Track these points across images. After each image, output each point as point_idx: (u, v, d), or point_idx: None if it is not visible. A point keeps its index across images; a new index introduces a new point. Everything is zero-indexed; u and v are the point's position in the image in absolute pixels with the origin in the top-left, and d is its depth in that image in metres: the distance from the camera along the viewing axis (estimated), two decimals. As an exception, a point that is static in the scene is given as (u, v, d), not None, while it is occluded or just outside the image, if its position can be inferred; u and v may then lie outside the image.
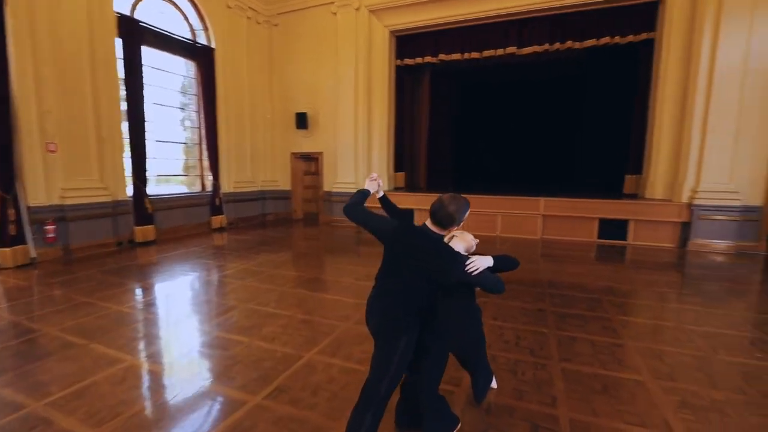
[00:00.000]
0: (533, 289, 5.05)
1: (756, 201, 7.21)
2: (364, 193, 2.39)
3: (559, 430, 2.34)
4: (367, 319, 2.16)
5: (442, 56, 9.95)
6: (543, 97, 13.75)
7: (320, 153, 10.76)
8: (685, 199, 7.56)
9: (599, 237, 8.21)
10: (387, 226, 2.17)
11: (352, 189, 10.01)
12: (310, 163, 11.25)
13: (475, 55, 9.62)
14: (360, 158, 10.16)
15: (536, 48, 9.05)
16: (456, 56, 9.80)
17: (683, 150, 7.63)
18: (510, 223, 8.75)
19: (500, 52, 9.38)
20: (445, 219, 2.00)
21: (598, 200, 8.19)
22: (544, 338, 3.57)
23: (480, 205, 8.84)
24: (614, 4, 8.17)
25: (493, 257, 2.04)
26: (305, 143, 10.88)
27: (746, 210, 7.22)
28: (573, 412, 2.52)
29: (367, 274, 5.63)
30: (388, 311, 2.06)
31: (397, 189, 10.76)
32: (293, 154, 11.13)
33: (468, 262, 1.93)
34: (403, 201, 9.59)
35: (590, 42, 8.62)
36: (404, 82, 10.96)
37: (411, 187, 11.46)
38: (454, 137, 13.82)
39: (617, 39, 8.41)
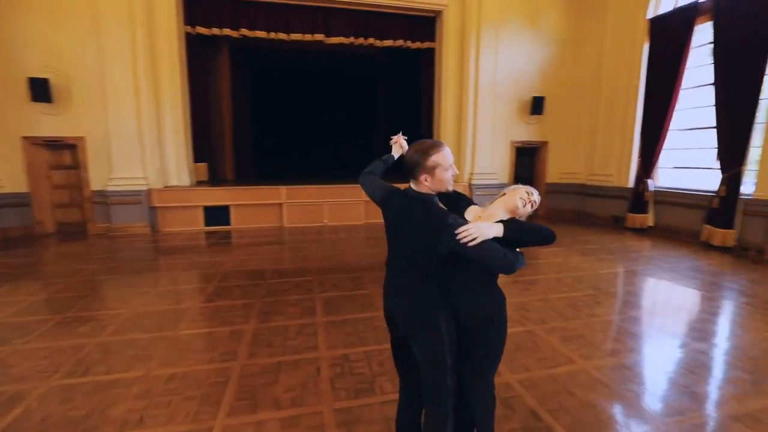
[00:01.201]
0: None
1: (505, 179, 9.91)
2: (383, 160, 2.07)
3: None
4: (384, 308, 1.82)
5: (244, 31, 8.83)
6: (349, 89, 14.57)
7: (81, 138, 7.76)
8: (466, 180, 9.61)
9: (411, 217, 9.42)
10: (380, 195, 1.86)
11: (141, 186, 7.79)
12: (61, 152, 7.97)
13: (282, 35, 9.01)
14: (149, 146, 7.93)
15: (343, 39, 9.29)
16: (261, 33, 8.90)
17: (462, 141, 9.61)
18: (336, 211, 8.87)
19: (308, 37, 9.13)
20: (408, 166, 1.65)
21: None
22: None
23: (307, 195, 8.62)
24: (404, 12, 9.28)
25: (511, 226, 1.55)
26: (49, 124, 7.58)
27: (501, 186, 9.82)
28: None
29: (164, 293, 4.51)
30: (407, 305, 1.71)
31: (200, 183, 9.07)
32: (27, 139, 7.59)
33: (461, 229, 1.49)
34: (212, 197, 8.20)
35: (389, 42, 9.52)
36: (201, 56, 9.19)
37: (215, 180, 9.92)
38: (265, 123, 12.83)
39: (409, 43, 9.64)
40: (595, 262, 5.84)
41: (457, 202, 1.85)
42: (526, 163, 10.70)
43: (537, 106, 9.50)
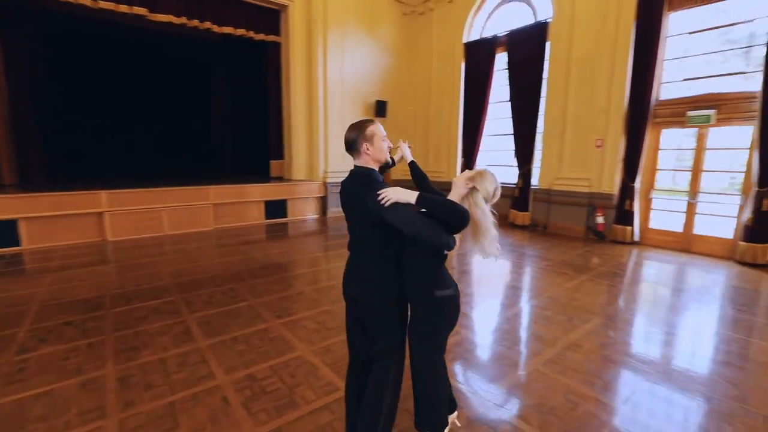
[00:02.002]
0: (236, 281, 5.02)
1: (356, 177, 10.45)
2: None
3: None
4: (344, 287, 2.00)
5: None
6: (181, 79, 12.60)
7: None
8: (321, 178, 9.73)
9: (267, 218, 8.96)
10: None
11: None
12: None
13: (86, 0, 7.18)
14: None
15: (172, 18, 8.03)
16: (50, -6, 6.89)
17: (314, 140, 9.66)
18: (180, 218, 7.69)
19: (124, 8, 7.53)
20: (349, 141, 1.87)
21: (262, 184, 8.87)
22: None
23: (138, 201, 7.17)
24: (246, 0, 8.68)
25: (424, 196, 1.66)
26: None
27: (353, 184, 10.34)
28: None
29: None
30: (362, 283, 1.89)
31: (-44, 190, 6.46)
32: None
33: (381, 191, 1.67)
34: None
35: (228, 29, 8.72)
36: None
37: (-16, 185, 7.23)
38: (67, 113, 9.90)
39: (252, 34, 9.06)
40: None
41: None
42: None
43: (381, 109, 10.34)
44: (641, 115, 6.71)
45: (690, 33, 6.44)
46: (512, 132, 8.71)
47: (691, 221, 6.51)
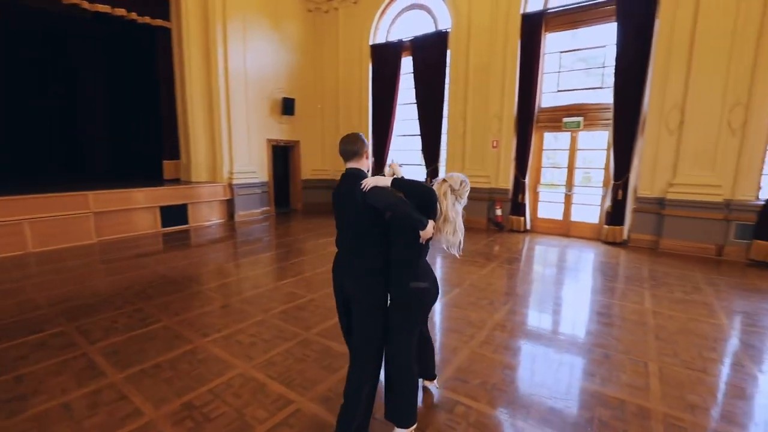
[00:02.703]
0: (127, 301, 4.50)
1: (265, 177, 9.94)
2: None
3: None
4: (335, 282, 2.17)
5: None
6: (39, 63, 10.22)
7: None
8: (226, 180, 9.00)
9: (164, 225, 7.96)
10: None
11: None
12: None
13: None
14: None
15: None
16: None
17: (216, 138, 8.88)
18: (48, 231, 6.36)
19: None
20: (353, 149, 2.12)
21: (157, 188, 7.84)
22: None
23: (-13, 212, 5.73)
24: (125, -25, 7.56)
25: (397, 178, 1.95)
26: None
27: (263, 185, 9.81)
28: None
29: None
30: (354, 275, 2.06)
31: None
32: None
33: (363, 181, 1.97)
34: None
35: (102, 6, 7.48)
36: None
37: None
38: None
39: (134, 15, 7.92)
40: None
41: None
42: (283, 161, 11.10)
43: (288, 106, 9.98)
44: (528, 120, 7.74)
45: (561, 52, 7.63)
46: (419, 132, 9.23)
47: (569, 210, 7.76)
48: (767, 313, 4.05)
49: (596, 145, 7.46)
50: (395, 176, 1.98)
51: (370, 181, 1.95)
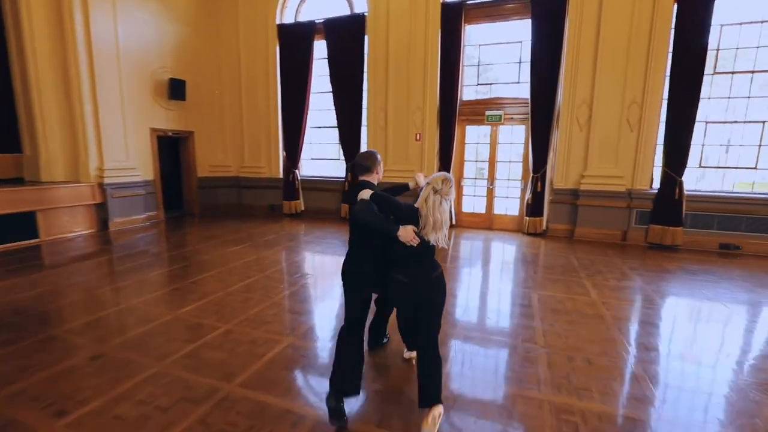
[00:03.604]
0: None
1: (149, 176, 8.13)
2: (396, 188, 2.70)
3: None
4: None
5: None
6: None
7: None
8: (94, 179, 7.07)
9: (-2, 242, 5.86)
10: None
11: None
12: None
13: None
14: None
15: None
16: None
17: (78, 126, 6.90)
18: None
19: None
20: (366, 165, 2.38)
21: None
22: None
23: None
24: None
25: (377, 193, 2.16)
26: None
27: (146, 184, 7.99)
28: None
29: None
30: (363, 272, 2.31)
31: None
32: None
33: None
34: None
35: None
36: None
37: None
38: None
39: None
40: (274, 252, 5.97)
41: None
42: (173, 155, 9.29)
43: (177, 90, 8.30)
44: (451, 112, 7.55)
45: (480, 45, 7.60)
46: (337, 124, 8.47)
47: (491, 203, 7.81)
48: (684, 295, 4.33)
49: (515, 139, 7.61)
50: (373, 192, 2.15)
51: (362, 194, 2.16)
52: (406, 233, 2.04)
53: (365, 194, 2.13)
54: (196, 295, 4.02)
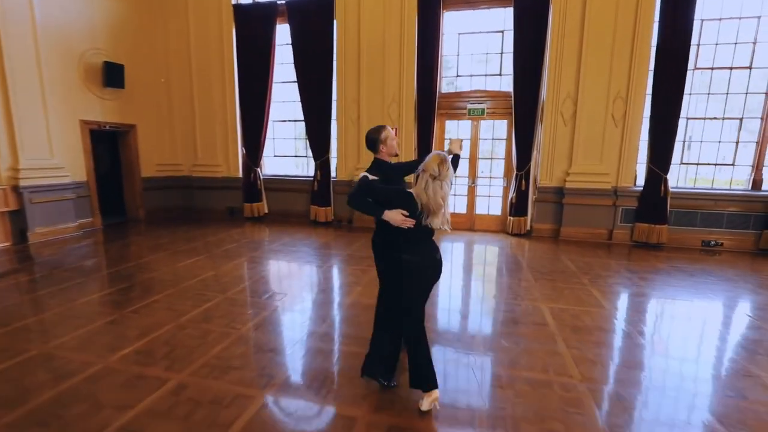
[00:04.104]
0: None
1: (81, 176, 6.90)
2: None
3: None
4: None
5: None
6: None
7: None
8: (6, 181, 5.81)
9: None
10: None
11: None
12: None
13: None
14: None
15: None
16: None
17: (-18, 115, 5.62)
18: None
19: None
20: (369, 144, 2.49)
21: None
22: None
23: None
24: None
25: (363, 181, 2.22)
26: None
27: (77, 186, 6.77)
28: None
29: None
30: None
31: None
32: None
33: None
34: None
35: None
36: None
37: None
38: None
39: None
40: (231, 261, 5.14)
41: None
42: (111, 152, 8.05)
43: (113, 75, 7.11)
44: (429, 106, 7.00)
45: (460, 33, 7.10)
46: (303, 118, 7.66)
47: (473, 202, 7.36)
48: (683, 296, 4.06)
49: (497, 134, 7.20)
50: (360, 178, 2.23)
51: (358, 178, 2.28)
52: (394, 217, 2.03)
53: (358, 178, 2.23)
54: (138, 330, 3.15)
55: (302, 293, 4.06)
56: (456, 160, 2.54)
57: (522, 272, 4.82)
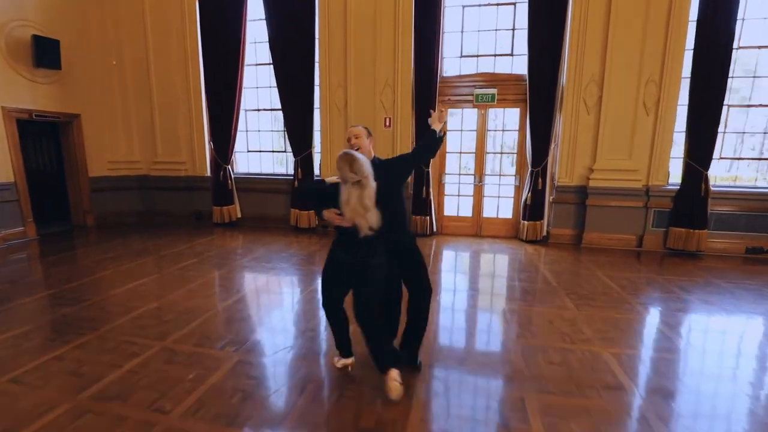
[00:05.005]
0: None
1: (5, 176, 5.65)
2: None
3: None
4: None
5: None
6: None
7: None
8: None
9: None
10: None
11: None
12: None
13: None
14: None
15: None
16: None
17: None
18: None
19: None
20: None
21: None
22: None
23: None
24: None
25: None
26: None
27: (3, 188, 5.51)
28: None
29: None
30: None
31: None
32: None
33: None
34: None
35: None
36: None
37: None
38: None
39: None
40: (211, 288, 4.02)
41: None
42: (53, 148, 6.77)
43: (47, 53, 5.85)
44: (429, 90, 5.96)
45: (464, 6, 6.06)
46: (281, 106, 6.53)
47: (480, 204, 6.37)
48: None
49: (509, 124, 6.22)
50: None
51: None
52: (328, 216, 2.05)
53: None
54: (10, 419, 2.02)
55: (273, 339, 2.96)
56: (436, 138, 2.26)
57: (556, 295, 3.83)
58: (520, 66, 5.91)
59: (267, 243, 5.86)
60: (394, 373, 2.10)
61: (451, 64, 6.26)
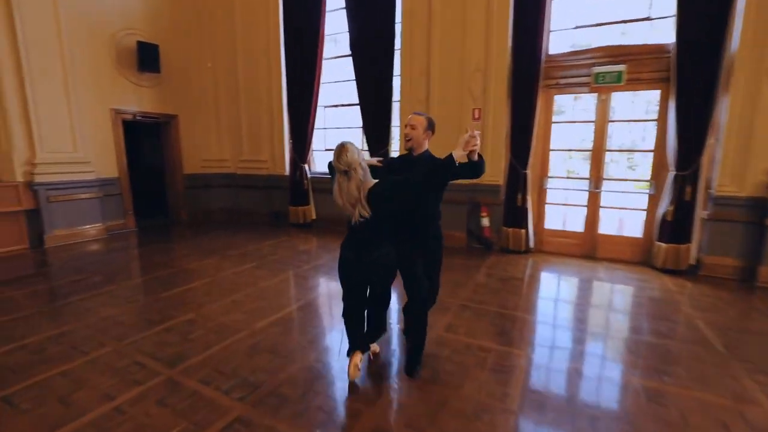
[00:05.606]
0: None
1: (111, 172, 6.14)
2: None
3: None
4: None
5: None
6: None
7: None
8: (20, 176, 5.13)
9: None
10: None
11: None
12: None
13: None
14: None
15: None
16: None
17: (-3, 104, 4.99)
18: None
19: None
20: None
21: None
22: None
23: None
24: None
25: None
26: None
27: (105, 183, 6.01)
28: None
29: None
30: None
31: None
32: None
33: None
34: None
35: None
36: None
37: None
38: None
39: None
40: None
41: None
42: (150, 147, 7.33)
43: (148, 58, 6.23)
44: (529, 74, 4.80)
45: (582, -38, 4.77)
46: (359, 102, 5.99)
47: (595, 217, 4.95)
48: None
49: (640, 113, 4.71)
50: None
51: None
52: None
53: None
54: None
55: (294, 389, 2.28)
56: (475, 166, 2.04)
57: (726, 371, 2.43)
58: (661, 33, 4.38)
59: (334, 249, 5.34)
60: (357, 358, 2.23)
61: (560, 39, 4.99)
